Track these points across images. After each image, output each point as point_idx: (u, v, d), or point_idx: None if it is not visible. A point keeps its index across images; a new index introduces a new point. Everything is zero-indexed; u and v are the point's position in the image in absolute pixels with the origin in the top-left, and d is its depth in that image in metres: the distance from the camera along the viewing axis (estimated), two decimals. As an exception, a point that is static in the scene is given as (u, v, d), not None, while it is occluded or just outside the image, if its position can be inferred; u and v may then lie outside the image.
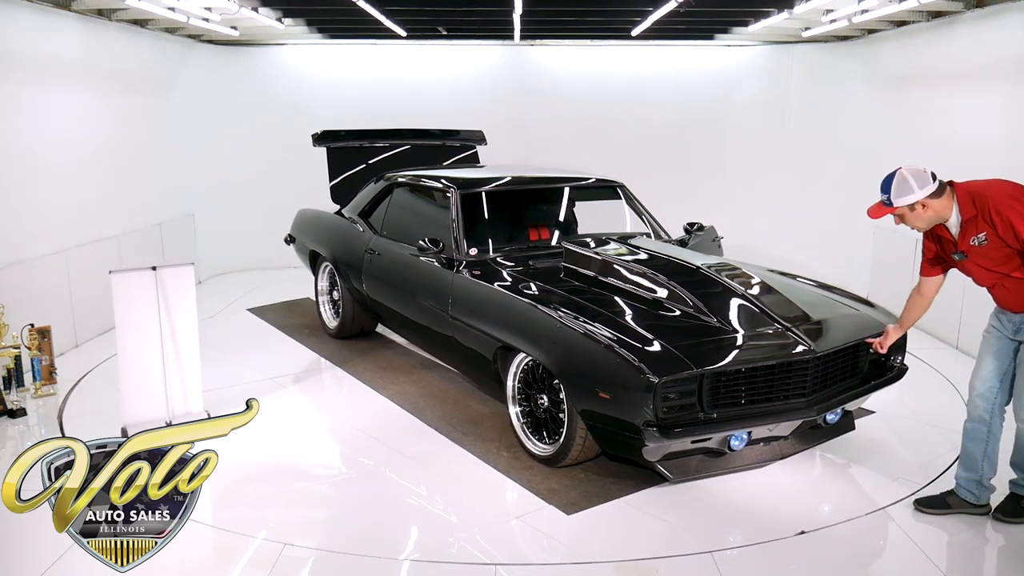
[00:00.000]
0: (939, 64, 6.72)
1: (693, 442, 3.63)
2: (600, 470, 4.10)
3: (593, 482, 4.00)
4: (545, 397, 4.12)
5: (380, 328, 6.39)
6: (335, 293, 6.27)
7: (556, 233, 5.44)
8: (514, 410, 4.36)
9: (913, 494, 3.90)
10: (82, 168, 6.39)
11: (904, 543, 3.51)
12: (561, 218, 5.63)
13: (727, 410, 3.67)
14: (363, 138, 6.66)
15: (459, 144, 6.98)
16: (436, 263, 4.92)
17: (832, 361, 3.92)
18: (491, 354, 4.40)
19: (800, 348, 3.76)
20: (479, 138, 7.08)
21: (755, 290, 4.25)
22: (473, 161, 6.99)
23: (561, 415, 3.96)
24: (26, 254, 5.62)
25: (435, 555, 3.38)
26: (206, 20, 7.10)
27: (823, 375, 3.88)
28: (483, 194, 5.20)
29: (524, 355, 4.20)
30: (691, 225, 5.61)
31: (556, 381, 3.96)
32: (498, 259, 4.90)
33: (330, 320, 6.39)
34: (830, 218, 8.64)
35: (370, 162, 6.60)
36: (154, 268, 3.99)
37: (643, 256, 4.71)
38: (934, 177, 3.38)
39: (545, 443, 4.15)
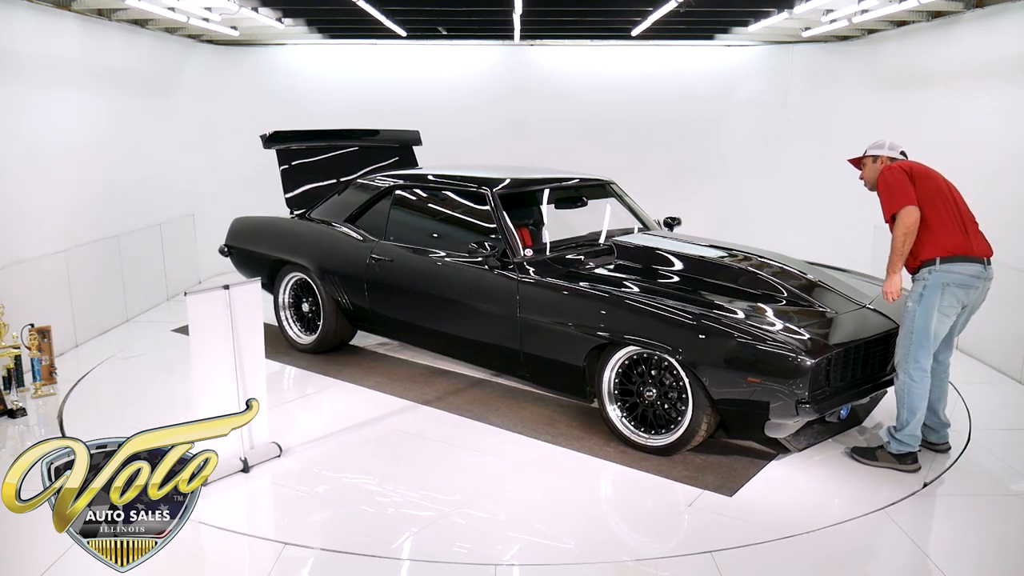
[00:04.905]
0: (939, 64, 6.72)
1: (822, 415, 3.96)
2: (710, 452, 4.30)
3: (718, 464, 4.19)
4: (654, 390, 4.24)
5: (355, 339, 6.17)
6: (304, 306, 5.99)
7: (581, 230, 5.42)
8: (613, 408, 4.41)
9: (912, 494, 3.92)
10: (82, 168, 6.39)
11: (904, 543, 3.51)
12: (578, 215, 5.60)
13: (841, 383, 4.04)
14: (314, 139, 6.46)
15: (398, 145, 6.91)
16: (487, 266, 4.83)
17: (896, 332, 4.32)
18: (582, 355, 4.42)
19: (886, 322, 4.28)
20: (415, 138, 7.01)
21: (820, 276, 4.68)
22: (411, 161, 6.92)
23: (681, 405, 4.16)
24: (26, 254, 5.62)
25: (641, 553, 3.43)
26: (206, 20, 7.10)
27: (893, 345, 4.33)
28: (517, 194, 5.18)
29: (626, 351, 4.27)
30: (672, 219, 5.89)
31: (673, 372, 4.15)
32: (556, 257, 4.90)
33: (299, 335, 6.05)
34: (830, 218, 8.64)
35: (308, 161, 6.42)
36: (226, 287, 3.96)
37: (703, 251, 4.92)
38: (904, 155, 4.20)
39: (660, 434, 4.25)
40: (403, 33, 8.01)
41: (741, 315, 4.12)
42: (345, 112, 8.49)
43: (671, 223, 5.88)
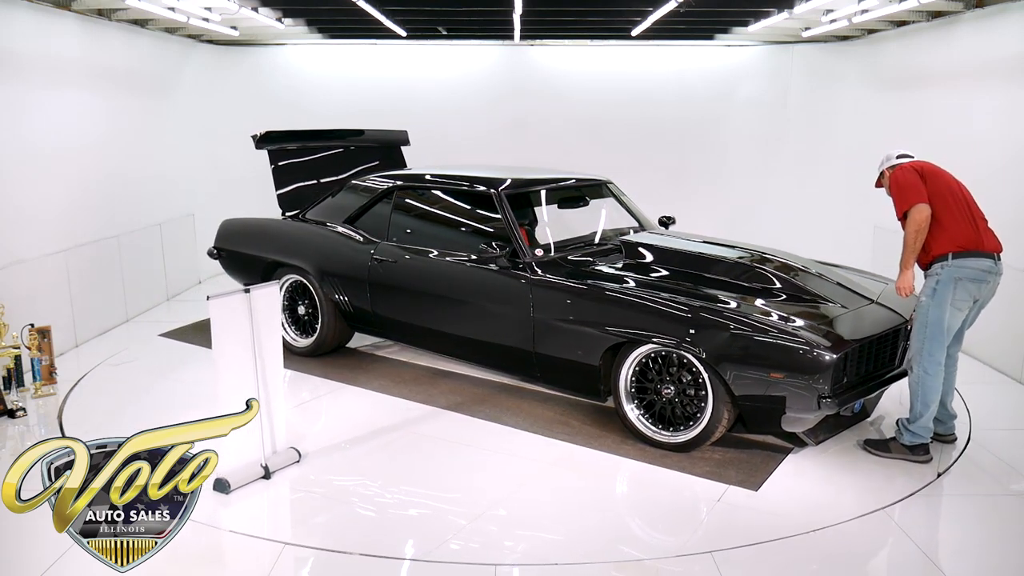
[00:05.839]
0: (939, 64, 6.72)
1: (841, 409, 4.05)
2: (728, 447, 4.36)
3: (737, 459, 4.24)
4: (671, 387, 4.27)
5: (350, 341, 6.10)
6: (300, 308, 5.89)
7: (581, 230, 5.41)
8: (630, 407, 4.43)
9: (913, 493, 3.92)
10: (82, 168, 6.39)
11: (904, 543, 3.51)
12: (578, 215, 5.61)
13: (856, 378, 4.15)
14: (305, 140, 6.41)
15: (387, 145, 6.89)
16: (497, 267, 4.83)
17: (904, 327, 4.45)
18: (599, 354, 4.44)
19: (896, 317, 4.39)
20: (404, 139, 7.01)
21: (828, 273, 4.76)
22: (400, 161, 6.91)
23: (700, 402, 4.20)
24: (26, 254, 5.62)
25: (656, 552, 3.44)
26: (206, 20, 7.10)
27: (900, 339, 4.46)
28: (519, 194, 5.17)
29: (644, 350, 4.30)
30: (667, 218, 5.95)
31: (691, 369, 4.19)
32: (566, 258, 4.90)
33: (295, 338, 5.91)
34: (829, 218, 8.65)
35: (299, 161, 6.38)
36: (247, 290, 3.96)
37: (711, 249, 4.96)
38: (907, 155, 4.28)
39: (679, 431, 4.29)
40: (403, 33, 8.01)
41: (760, 312, 4.17)
42: (345, 112, 8.48)
43: (666, 222, 5.93)
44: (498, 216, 5.01)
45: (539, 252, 4.86)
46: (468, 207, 5.33)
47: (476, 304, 4.97)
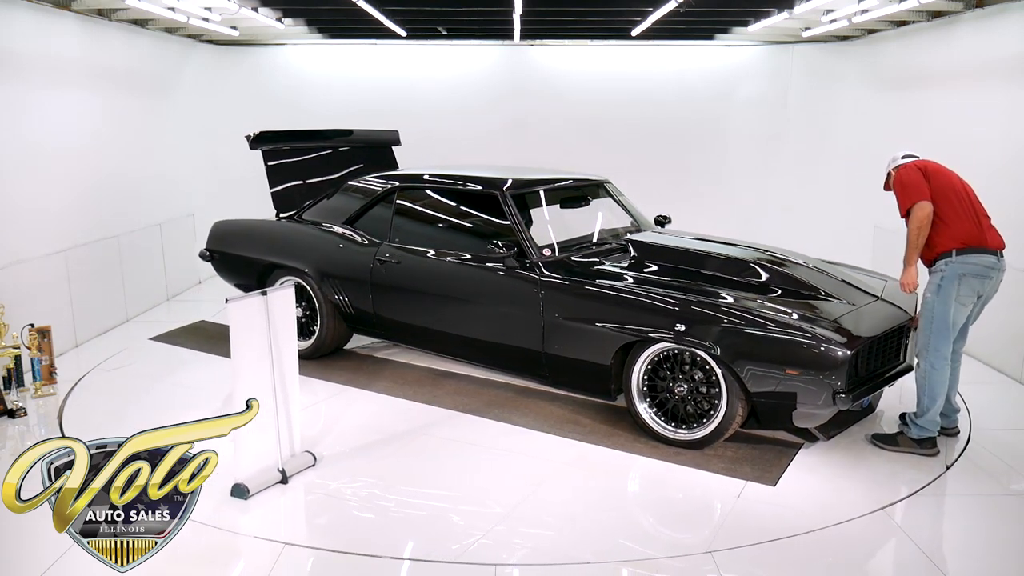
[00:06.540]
0: (939, 64, 6.72)
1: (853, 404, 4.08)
2: (739, 444, 4.40)
3: (750, 455, 4.27)
4: (684, 385, 4.29)
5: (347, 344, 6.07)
6: (297, 310, 5.77)
7: (581, 230, 5.39)
8: (643, 406, 4.45)
9: (924, 487, 3.96)
10: (82, 168, 6.39)
11: (904, 543, 3.51)
12: (582, 214, 5.62)
13: (867, 373, 4.20)
14: (299, 140, 6.38)
15: (379, 145, 6.89)
16: (504, 267, 4.83)
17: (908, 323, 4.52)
18: (610, 354, 4.45)
19: (901, 313, 4.45)
20: (395, 139, 7.01)
21: (833, 271, 4.81)
22: (391, 162, 6.91)
23: (713, 399, 4.22)
24: (26, 254, 5.62)
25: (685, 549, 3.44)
26: (206, 20, 7.10)
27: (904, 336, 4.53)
28: (521, 195, 5.16)
29: (656, 348, 4.32)
30: (664, 217, 6.00)
31: (705, 367, 4.21)
32: (572, 258, 4.90)
33: None
34: (829, 218, 8.65)
35: (293, 161, 6.34)
36: (264, 293, 3.95)
37: (717, 248, 4.94)
38: (912, 155, 4.37)
39: (692, 428, 4.31)
40: (403, 33, 8.01)
41: (774, 310, 4.19)
42: (346, 112, 8.48)
43: (662, 221, 5.95)
44: (503, 216, 5.00)
45: (547, 252, 4.86)
46: (472, 208, 5.31)
47: (483, 305, 4.96)
